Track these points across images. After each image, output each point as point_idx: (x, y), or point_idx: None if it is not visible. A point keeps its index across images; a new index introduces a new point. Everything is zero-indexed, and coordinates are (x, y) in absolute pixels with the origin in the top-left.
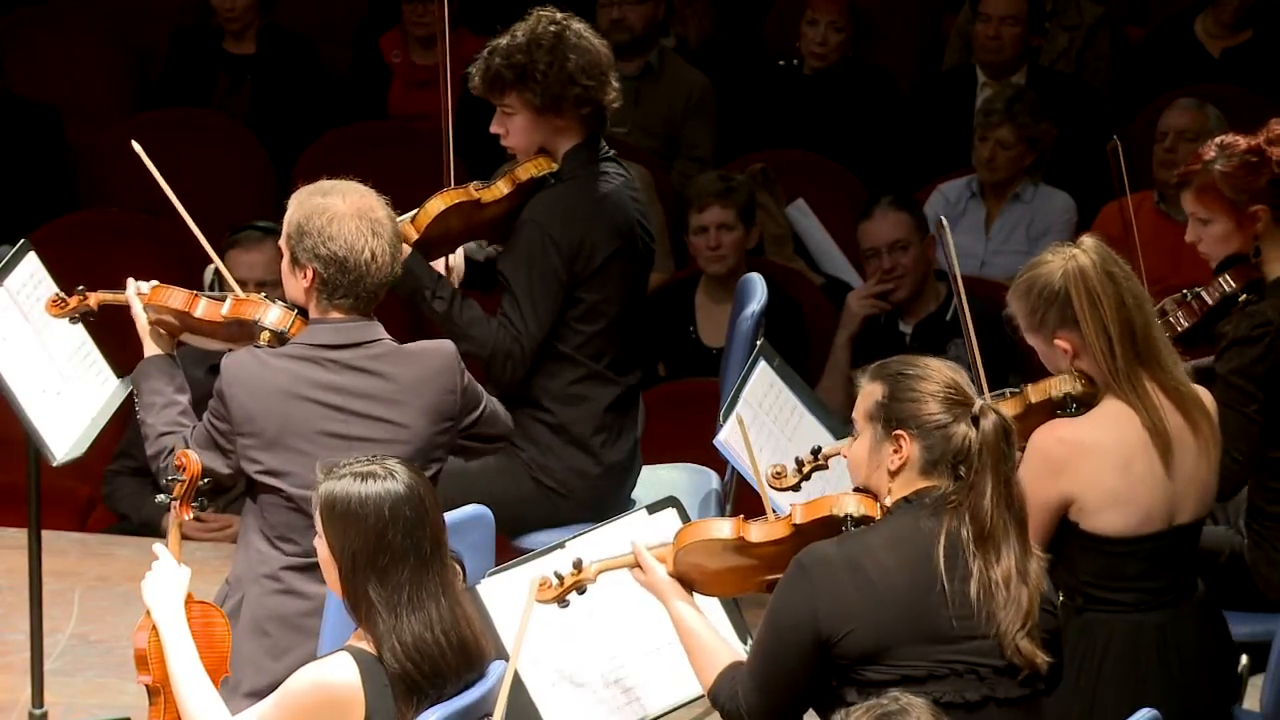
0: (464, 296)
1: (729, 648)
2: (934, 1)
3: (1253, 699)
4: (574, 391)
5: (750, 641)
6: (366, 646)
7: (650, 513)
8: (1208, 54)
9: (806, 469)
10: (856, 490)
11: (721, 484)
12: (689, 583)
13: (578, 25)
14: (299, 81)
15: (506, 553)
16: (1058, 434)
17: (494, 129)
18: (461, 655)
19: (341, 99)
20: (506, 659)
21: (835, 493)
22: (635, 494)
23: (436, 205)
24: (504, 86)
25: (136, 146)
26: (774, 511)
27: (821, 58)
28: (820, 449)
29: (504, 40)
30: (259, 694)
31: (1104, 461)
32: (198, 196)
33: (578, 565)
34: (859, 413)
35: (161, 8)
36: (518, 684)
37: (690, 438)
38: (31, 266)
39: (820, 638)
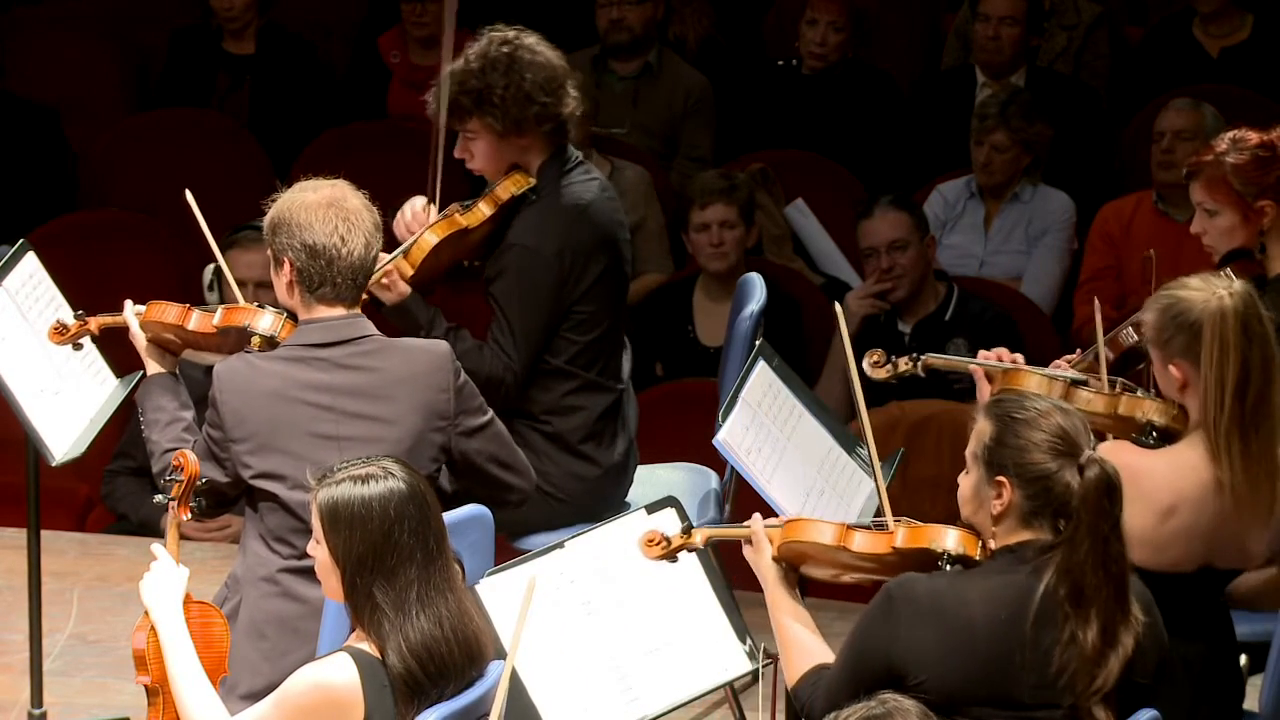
0: (457, 329)
1: (821, 646)
2: (933, 1)
3: (1252, 699)
4: (568, 402)
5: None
6: (366, 647)
7: (649, 513)
8: (1206, 54)
9: (903, 368)
10: (960, 526)
11: (721, 484)
12: (790, 562)
13: (530, 40)
14: (298, 81)
15: (505, 553)
16: (1120, 458)
17: (458, 155)
18: (466, 652)
19: (340, 99)
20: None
21: (941, 525)
22: (635, 493)
23: (429, 241)
24: (463, 114)
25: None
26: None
27: (821, 58)
28: (920, 358)
29: (458, 66)
30: (255, 696)
31: (1147, 503)
32: (197, 196)
33: (687, 530)
34: (969, 448)
35: (161, 8)
36: (517, 684)
37: (690, 438)
38: (31, 266)
39: (893, 673)
